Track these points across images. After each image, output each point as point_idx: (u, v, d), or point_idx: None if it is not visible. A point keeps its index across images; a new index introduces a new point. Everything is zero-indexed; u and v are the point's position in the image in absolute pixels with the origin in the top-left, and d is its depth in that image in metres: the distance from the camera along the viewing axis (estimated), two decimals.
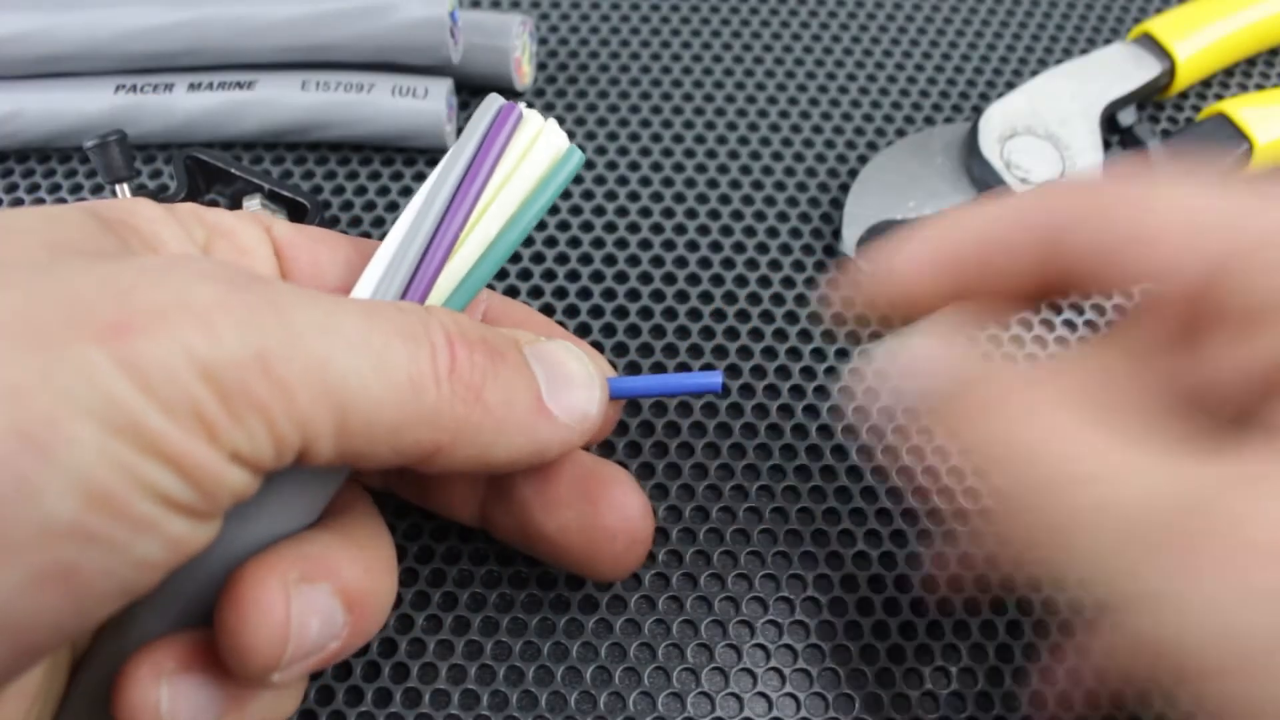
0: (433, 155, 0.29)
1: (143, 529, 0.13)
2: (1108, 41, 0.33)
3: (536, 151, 0.19)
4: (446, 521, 0.23)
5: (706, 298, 0.27)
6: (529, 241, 0.28)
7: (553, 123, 0.19)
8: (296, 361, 0.14)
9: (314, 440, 0.15)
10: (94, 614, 0.14)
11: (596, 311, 0.26)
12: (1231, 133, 0.28)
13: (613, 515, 0.20)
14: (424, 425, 0.16)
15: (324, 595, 0.16)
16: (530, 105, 0.30)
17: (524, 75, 0.30)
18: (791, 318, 0.27)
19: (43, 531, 0.13)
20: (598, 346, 0.26)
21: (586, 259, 0.27)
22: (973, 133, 0.28)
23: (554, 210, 0.28)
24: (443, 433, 0.16)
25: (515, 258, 0.27)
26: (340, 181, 0.29)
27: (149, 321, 0.13)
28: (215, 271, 0.15)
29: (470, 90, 0.30)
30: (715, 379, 0.20)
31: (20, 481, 0.12)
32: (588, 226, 0.28)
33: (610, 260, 0.27)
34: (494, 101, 0.19)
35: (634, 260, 0.27)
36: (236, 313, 0.14)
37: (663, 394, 0.20)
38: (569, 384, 0.18)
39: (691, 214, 0.28)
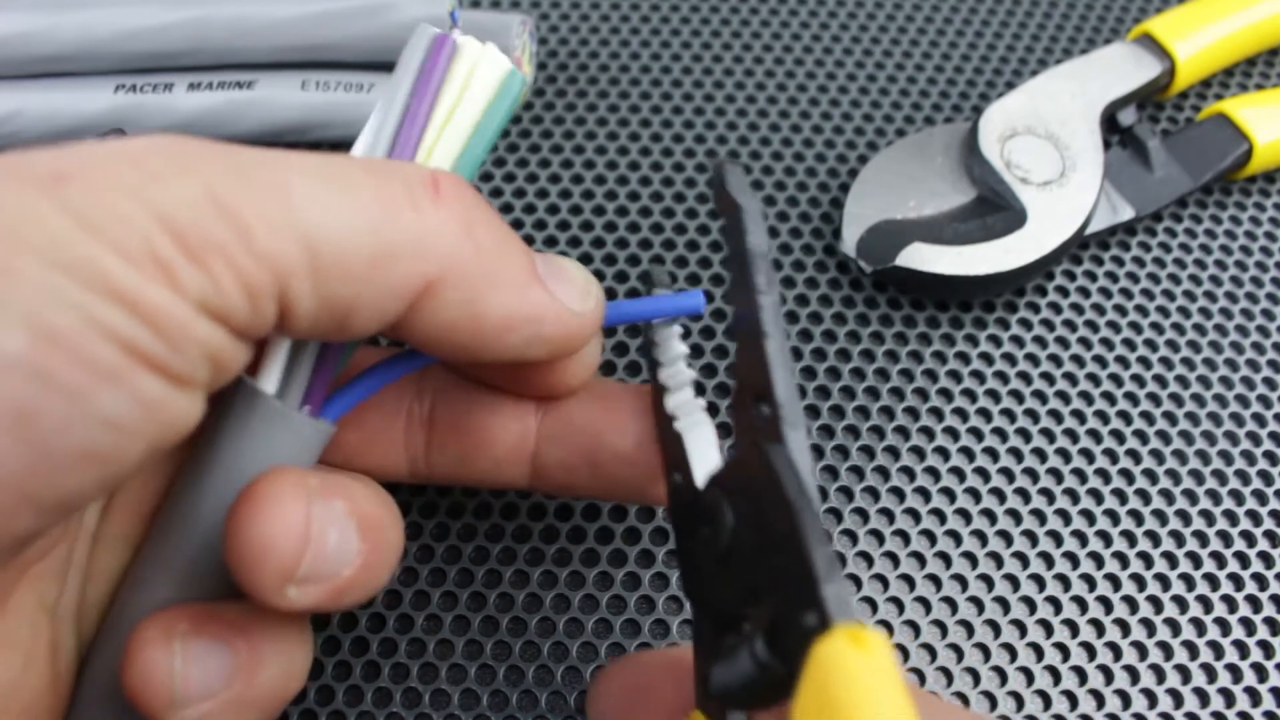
0: None
1: (105, 377, 0.13)
2: (1108, 41, 0.33)
3: (478, 80, 0.18)
4: (446, 521, 0.23)
5: (707, 298, 0.27)
6: (528, 241, 0.27)
7: (491, 46, 0.18)
8: (250, 194, 0.13)
9: (288, 281, 0.14)
10: (64, 479, 0.13)
11: None
12: (1231, 133, 0.28)
13: None
14: (407, 254, 0.15)
15: (340, 512, 0.16)
16: (530, 105, 0.30)
17: (524, 75, 0.30)
18: (792, 318, 0.27)
19: None
20: None
21: (587, 259, 0.27)
22: (973, 133, 0.28)
23: (554, 209, 0.28)
24: (430, 262, 0.15)
25: None
26: None
27: (87, 169, 0.13)
28: (149, 136, 0.14)
29: None
30: (697, 299, 0.19)
31: None
32: (588, 226, 0.28)
33: (610, 260, 0.27)
34: (426, 32, 0.18)
35: (634, 260, 0.27)
36: (177, 157, 0.13)
37: (645, 318, 0.20)
38: (565, 277, 0.17)
39: (692, 214, 0.28)
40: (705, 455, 0.18)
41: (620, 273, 0.27)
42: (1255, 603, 0.23)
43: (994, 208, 0.27)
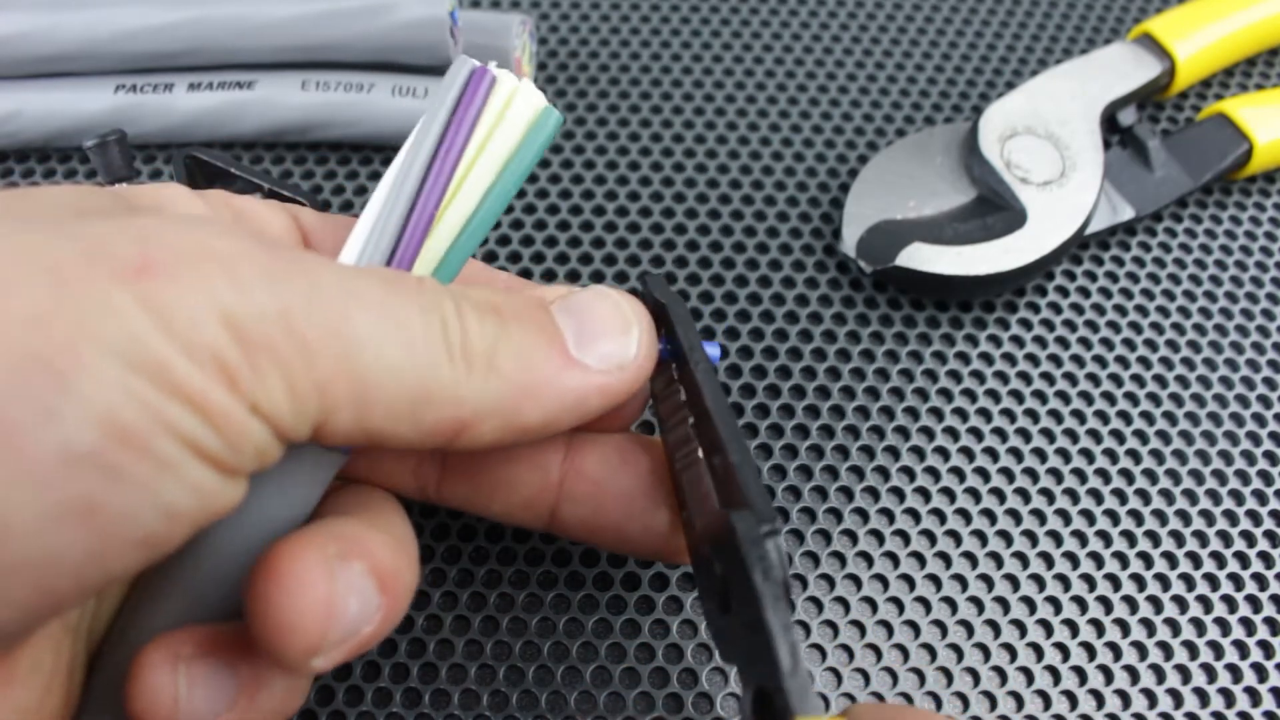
0: None
1: (168, 471, 0.13)
2: (1108, 41, 0.33)
3: (512, 114, 0.18)
4: (446, 522, 0.23)
5: (707, 298, 0.27)
6: (528, 241, 0.27)
7: (528, 82, 0.18)
8: (319, 323, 0.14)
9: (332, 410, 0.14)
10: (116, 563, 0.14)
11: None
12: (1231, 133, 0.28)
13: None
14: (444, 402, 0.15)
15: (359, 575, 0.16)
16: None
17: (524, 75, 0.30)
18: (792, 318, 0.27)
19: (64, 460, 0.12)
20: None
21: (586, 259, 0.27)
22: (973, 133, 0.28)
23: (554, 210, 0.28)
24: (464, 409, 0.16)
25: (515, 257, 0.27)
26: (340, 181, 0.29)
27: (172, 265, 0.13)
28: (239, 230, 0.15)
29: None
30: (713, 351, 0.20)
31: (38, 407, 0.12)
32: (588, 226, 0.28)
33: (610, 260, 0.27)
34: (465, 64, 0.18)
35: (634, 260, 0.27)
36: (262, 266, 0.14)
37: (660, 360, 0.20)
38: (601, 333, 0.17)
39: (691, 214, 0.28)
40: (701, 497, 0.18)
41: (620, 273, 0.27)
42: (1255, 603, 0.23)
43: (994, 208, 0.27)
